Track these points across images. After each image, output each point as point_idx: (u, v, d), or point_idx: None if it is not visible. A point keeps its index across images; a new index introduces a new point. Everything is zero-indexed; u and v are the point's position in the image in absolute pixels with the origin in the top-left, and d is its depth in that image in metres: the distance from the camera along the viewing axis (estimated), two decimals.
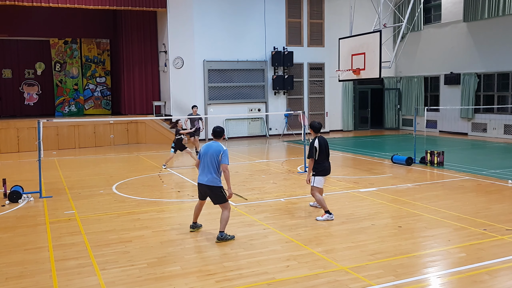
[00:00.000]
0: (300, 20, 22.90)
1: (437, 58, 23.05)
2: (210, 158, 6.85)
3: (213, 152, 6.86)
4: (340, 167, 13.60)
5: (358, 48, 17.18)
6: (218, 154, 6.83)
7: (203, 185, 6.93)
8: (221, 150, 6.85)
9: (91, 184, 11.46)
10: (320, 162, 8.07)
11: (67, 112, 22.90)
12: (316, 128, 8.27)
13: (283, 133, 22.63)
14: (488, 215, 8.09)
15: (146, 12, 21.16)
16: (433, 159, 13.23)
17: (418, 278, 5.50)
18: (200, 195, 7.18)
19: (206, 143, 7.07)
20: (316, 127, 8.28)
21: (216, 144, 6.95)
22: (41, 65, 22.89)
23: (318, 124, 8.31)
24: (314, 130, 8.25)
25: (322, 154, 8.08)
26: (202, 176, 6.95)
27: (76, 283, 5.47)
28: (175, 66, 20.91)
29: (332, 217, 7.96)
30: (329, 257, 6.15)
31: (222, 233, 6.83)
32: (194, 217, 7.44)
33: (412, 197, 9.53)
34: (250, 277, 5.55)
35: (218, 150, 6.85)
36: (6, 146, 17.85)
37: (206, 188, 6.93)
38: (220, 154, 6.83)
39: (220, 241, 6.77)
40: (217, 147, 6.90)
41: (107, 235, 7.25)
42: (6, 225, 7.94)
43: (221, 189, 6.91)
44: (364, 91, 25.60)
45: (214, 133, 7.12)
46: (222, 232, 6.84)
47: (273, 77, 22.24)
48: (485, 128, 20.94)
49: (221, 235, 6.81)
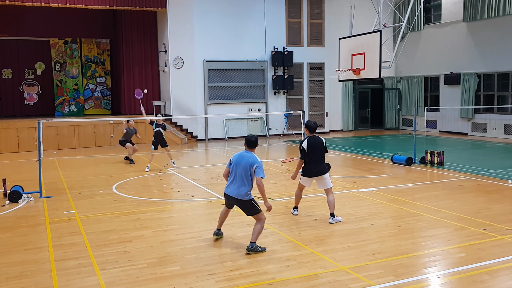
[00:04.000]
0: (300, 20, 22.90)
1: (437, 58, 23.05)
2: (244, 170, 6.39)
3: (247, 163, 6.40)
4: (340, 167, 13.60)
5: (358, 48, 17.18)
6: (252, 166, 6.38)
7: (231, 197, 6.51)
8: (255, 162, 6.39)
9: (91, 184, 11.45)
10: (307, 163, 7.80)
11: (67, 112, 22.90)
12: (311, 128, 7.87)
13: (283, 133, 22.63)
14: (488, 215, 8.09)
15: (146, 12, 21.17)
16: (433, 159, 13.23)
17: (418, 278, 5.50)
18: (228, 205, 6.78)
19: (238, 153, 6.58)
20: (312, 126, 7.88)
21: (249, 155, 6.47)
22: (41, 65, 22.89)
23: (314, 124, 7.91)
24: (309, 130, 7.87)
25: (311, 156, 7.74)
26: (231, 187, 6.49)
27: (76, 283, 5.47)
28: (175, 66, 20.91)
29: (295, 212, 8.14)
30: (329, 257, 6.15)
31: (253, 244, 6.33)
32: (219, 223, 6.99)
33: (412, 197, 9.53)
34: (250, 277, 5.55)
35: (253, 162, 6.40)
36: (6, 146, 17.85)
37: (234, 201, 6.54)
38: (254, 166, 6.37)
39: (250, 252, 6.28)
40: (250, 158, 6.44)
41: (107, 235, 7.24)
42: (6, 225, 7.94)
43: (252, 202, 6.46)
44: (364, 91, 25.60)
45: (249, 143, 6.56)
46: (253, 243, 6.34)
47: (273, 77, 22.24)
48: (485, 128, 20.94)
49: (251, 246, 6.31)
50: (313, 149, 7.75)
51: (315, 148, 7.76)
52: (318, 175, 7.82)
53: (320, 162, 7.83)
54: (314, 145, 7.76)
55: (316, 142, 7.79)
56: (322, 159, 7.86)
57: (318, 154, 7.78)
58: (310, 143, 7.76)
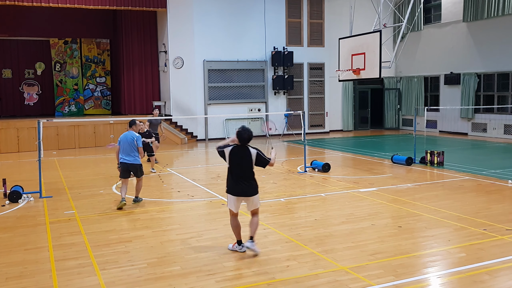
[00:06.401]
0: (300, 20, 22.90)
1: (437, 58, 23.05)
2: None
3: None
4: (340, 167, 13.60)
5: (358, 48, 17.19)
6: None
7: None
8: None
9: (91, 184, 11.45)
10: (229, 175, 6.25)
11: (67, 112, 22.90)
12: (242, 139, 6.15)
13: (283, 133, 22.62)
14: (488, 215, 8.09)
15: (146, 12, 21.17)
16: (433, 159, 13.23)
17: (418, 278, 5.50)
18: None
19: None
20: (242, 137, 6.13)
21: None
22: (41, 65, 22.89)
23: (245, 134, 6.13)
24: (240, 140, 6.16)
25: (231, 169, 6.18)
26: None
27: (76, 283, 5.47)
28: (175, 66, 20.91)
29: (242, 249, 6.30)
30: (329, 257, 6.15)
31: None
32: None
33: (412, 197, 9.53)
34: (250, 277, 5.55)
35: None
36: (6, 146, 17.85)
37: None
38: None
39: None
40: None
41: (107, 235, 7.24)
42: (6, 225, 7.94)
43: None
44: (364, 91, 25.60)
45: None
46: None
47: (273, 77, 22.24)
48: (485, 128, 20.94)
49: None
50: (236, 161, 6.13)
51: (240, 160, 6.12)
52: (242, 196, 6.21)
53: (245, 179, 6.18)
54: (239, 156, 6.11)
55: (243, 154, 6.12)
56: (250, 176, 6.22)
57: (242, 169, 6.15)
58: (233, 152, 6.15)
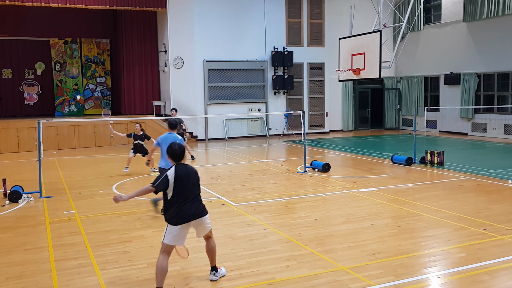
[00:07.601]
0: (300, 20, 22.90)
1: (437, 58, 23.05)
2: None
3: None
4: (340, 167, 13.60)
5: (358, 48, 17.18)
6: None
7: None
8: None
9: (91, 184, 11.45)
10: (177, 203, 5.14)
11: (67, 112, 22.90)
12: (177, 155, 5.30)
13: (283, 133, 22.62)
14: (488, 215, 8.09)
15: (146, 12, 21.17)
16: (433, 159, 13.23)
17: (418, 278, 5.50)
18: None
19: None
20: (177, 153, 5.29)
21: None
22: (41, 65, 22.90)
23: (180, 149, 5.31)
24: (175, 158, 5.31)
25: (181, 192, 5.15)
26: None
27: (76, 283, 5.47)
28: (175, 66, 20.91)
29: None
30: (329, 257, 6.15)
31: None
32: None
33: (412, 197, 9.52)
34: (250, 277, 5.55)
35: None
36: (6, 146, 17.85)
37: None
38: None
39: None
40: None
41: (107, 235, 7.25)
42: (6, 225, 7.94)
43: None
44: (364, 91, 25.60)
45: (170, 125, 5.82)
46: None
47: (273, 77, 22.24)
48: (485, 128, 20.93)
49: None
50: (185, 182, 5.18)
51: (189, 180, 5.22)
52: (196, 218, 5.24)
53: (196, 198, 5.30)
54: (187, 176, 5.22)
55: (189, 172, 5.29)
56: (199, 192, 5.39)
57: (194, 187, 5.30)
58: (180, 174, 5.18)
